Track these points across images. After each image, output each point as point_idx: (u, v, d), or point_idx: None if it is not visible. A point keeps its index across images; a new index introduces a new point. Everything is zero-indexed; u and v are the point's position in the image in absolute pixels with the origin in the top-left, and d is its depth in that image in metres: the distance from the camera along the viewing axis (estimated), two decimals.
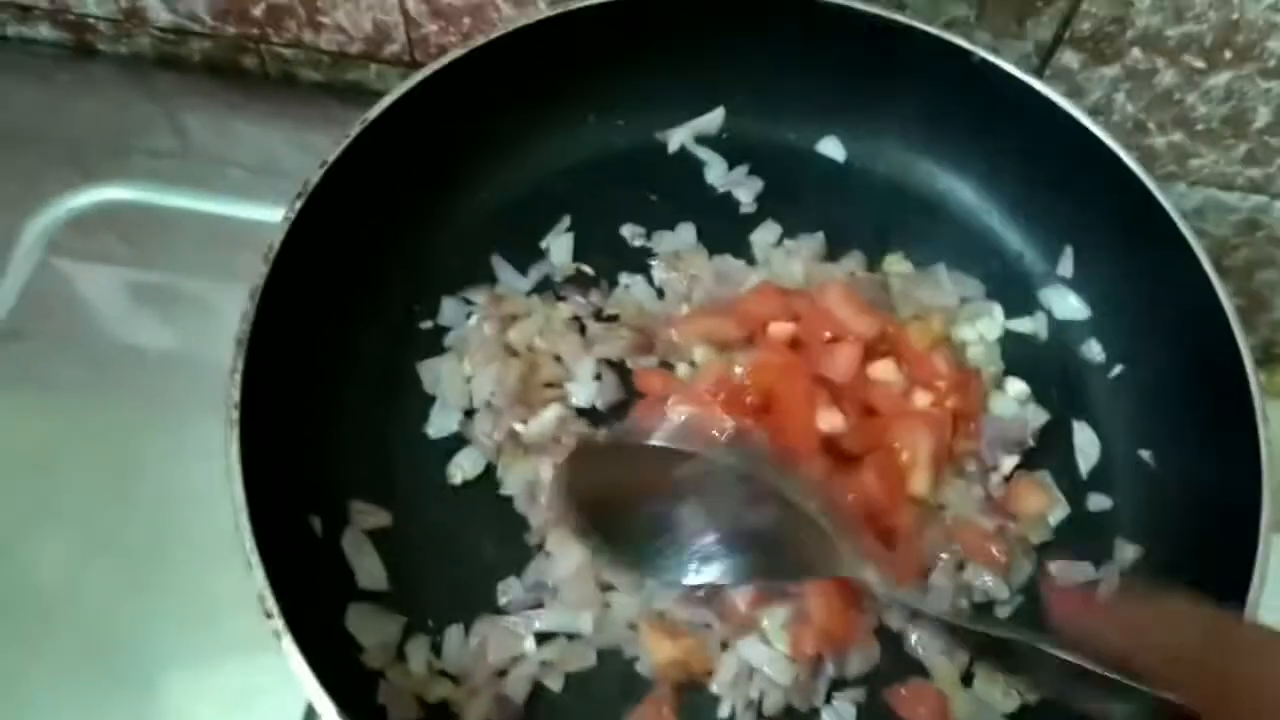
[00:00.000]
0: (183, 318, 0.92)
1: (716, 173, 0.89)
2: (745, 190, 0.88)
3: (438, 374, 0.79)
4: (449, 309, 0.82)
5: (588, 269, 0.84)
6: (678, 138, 0.89)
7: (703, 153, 0.89)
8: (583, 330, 0.81)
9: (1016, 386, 0.81)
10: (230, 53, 1.03)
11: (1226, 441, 0.72)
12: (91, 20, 1.02)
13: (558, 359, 0.79)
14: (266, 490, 0.65)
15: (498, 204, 0.86)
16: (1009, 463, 0.78)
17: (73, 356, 0.90)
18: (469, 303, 0.82)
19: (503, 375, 0.77)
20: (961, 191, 0.88)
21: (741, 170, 0.89)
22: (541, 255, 0.85)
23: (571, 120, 0.87)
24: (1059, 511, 0.77)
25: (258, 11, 0.98)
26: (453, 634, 0.71)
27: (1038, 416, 0.79)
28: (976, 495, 0.77)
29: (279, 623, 0.60)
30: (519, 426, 0.76)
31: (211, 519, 0.63)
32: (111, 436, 0.86)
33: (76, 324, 0.92)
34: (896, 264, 0.86)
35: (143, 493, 0.84)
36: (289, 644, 0.59)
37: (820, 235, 0.86)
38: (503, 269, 0.84)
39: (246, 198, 0.96)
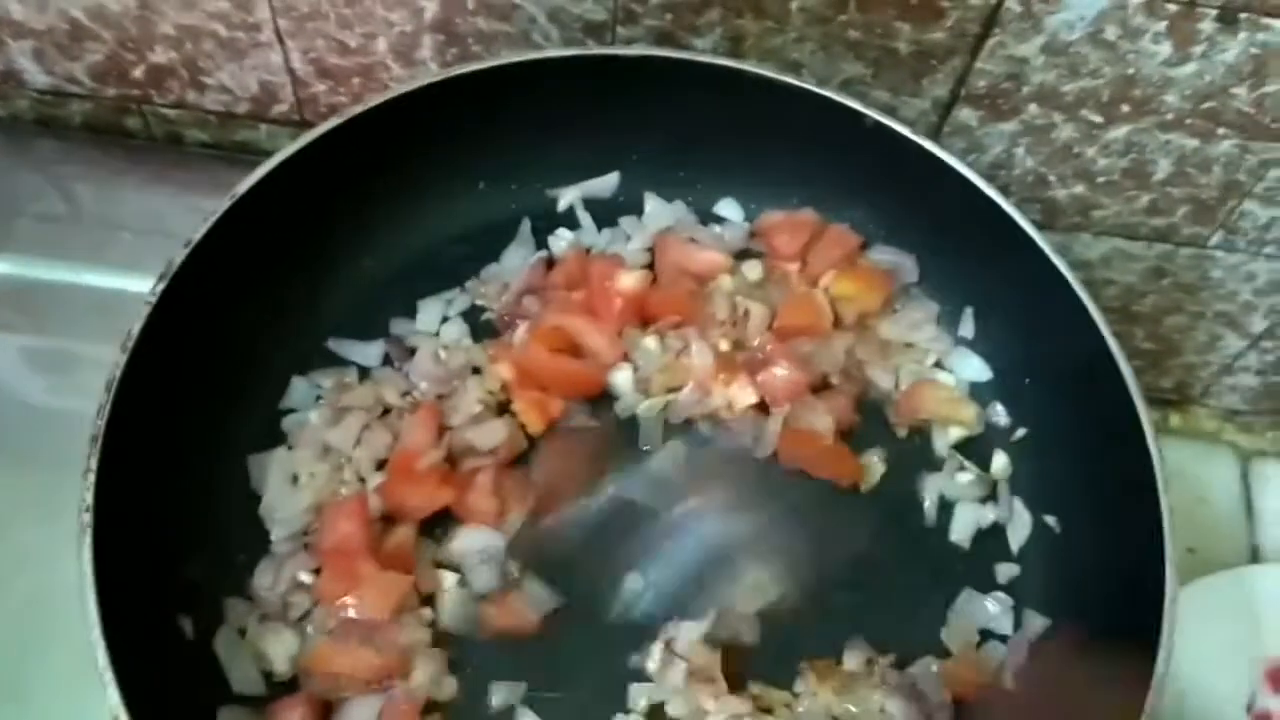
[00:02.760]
0: (73, 383, 0.88)
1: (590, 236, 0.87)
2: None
3: (264, 470, 0.74)
4: (298, 391, 0.78)
5: None
6: (568, 198, 0.87)
7: (584, 216, 0.87)
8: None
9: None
10: (112, 114, 0.99)
11: (1129, 506, 0.71)
12: None
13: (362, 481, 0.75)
14: (129, 593, 0.62)
15: (384, 276, 0.83)
16: None
17: None
18: (319, 387, 0.78)
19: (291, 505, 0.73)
20: None
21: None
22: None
23: (461, 186, 0.85)
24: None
25: (138, 73, 0.94)
26: None
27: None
28: None
29: None
30: (305, 577, 0.71)
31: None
32: None
33: None
34: None
35: (23, 578, 0.80)
36: None
37: None
38: (351, 350, 0.80)
39: (138, 262, 0.92)
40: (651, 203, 0.87)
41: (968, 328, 0.84)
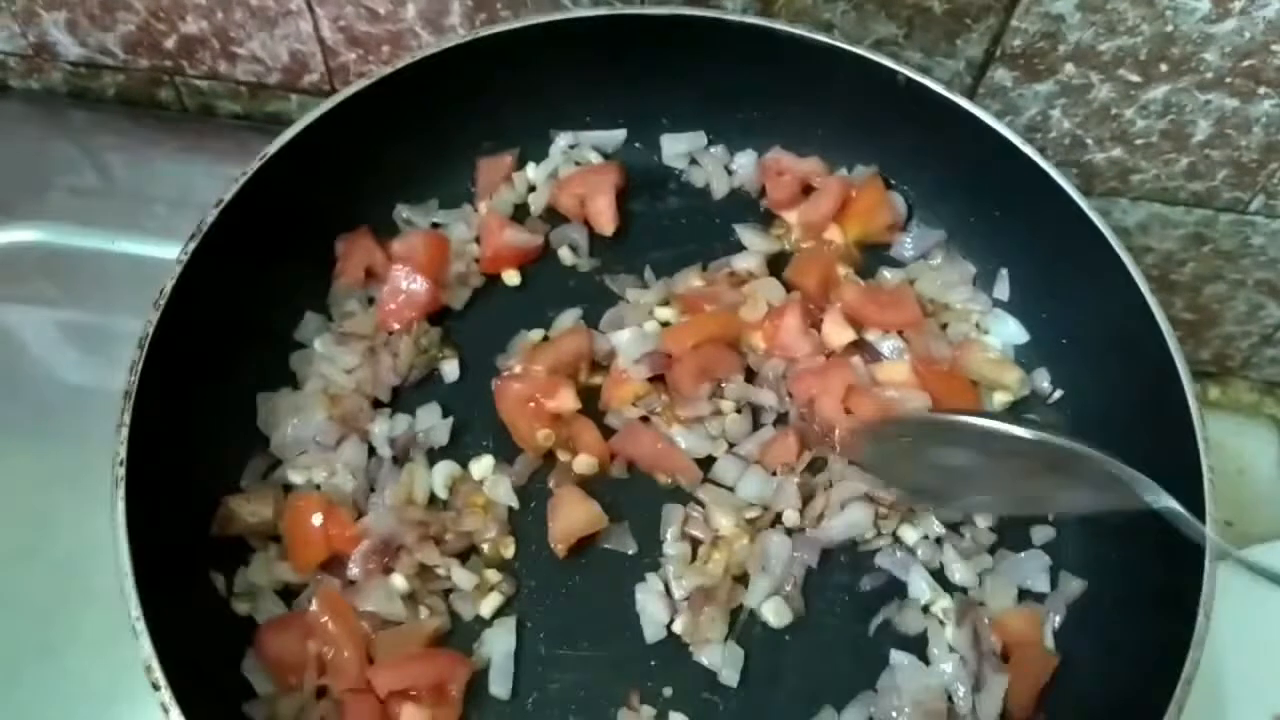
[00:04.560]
0: (107, 355, 0.88)
1: None
2: None
3: (271, 409, 0.74)
4: (309, 323, 0.78)
5: None
6: (562, 142, 0.86)
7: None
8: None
9: None
10: (145, 85, 1.00)
11: (1169, 469, 0.69)
12: (0, 56, 0.99)
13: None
14: (161, 547, 0.62)
15: None
16: None
17: None
18: (329, 319, 0.79)
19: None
20: None
21: None
22: None
23: (489, 148, 0.85)
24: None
25: (170, 44, 0.95)
26: None
27: None
28: None
29: (166, 695, 0.56)
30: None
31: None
32: (29, 480, 0.83)
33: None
34: None
35: (56, 544, 0.80)
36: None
37: None
38: None
39: (170, 233, 0.92)
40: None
41: (1003, 289, 0.82)
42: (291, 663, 0.65)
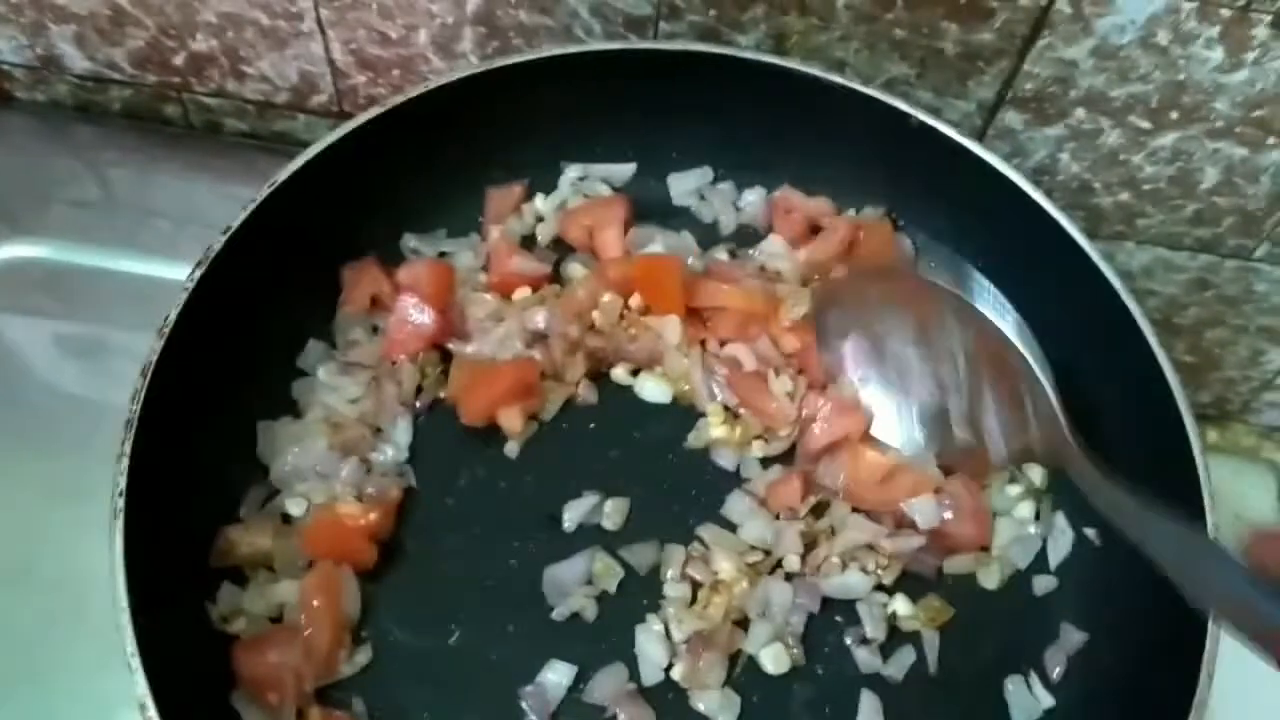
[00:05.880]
0: (107, 370, 0.88)
1: None
2: None
3: (271, 439, 0.74)
4: (312, 352, 0.77)
5: None
6: (571, 174, 0.86)
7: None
8: None
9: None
10: (152, 101, 1.00)
11: None
12: (7, 68, 0.98)
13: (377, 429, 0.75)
14: (157, 579, 0.61)
15: None
16: None
17: None
18: (332, 347, 0.78)
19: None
20: None
21: None
22: None
23: (500, 178, 0.85)
24: None
25: (179, 60, 0.94)
26: None
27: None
28: None
29: None
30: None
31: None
32: (19, 500, 0.82)
33: None
34: None
35: (43, 568, 0.80)
36: None
37: None
38: None
39: (172, 250, 0.92)
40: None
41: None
42: (268, 677, 0.64)
